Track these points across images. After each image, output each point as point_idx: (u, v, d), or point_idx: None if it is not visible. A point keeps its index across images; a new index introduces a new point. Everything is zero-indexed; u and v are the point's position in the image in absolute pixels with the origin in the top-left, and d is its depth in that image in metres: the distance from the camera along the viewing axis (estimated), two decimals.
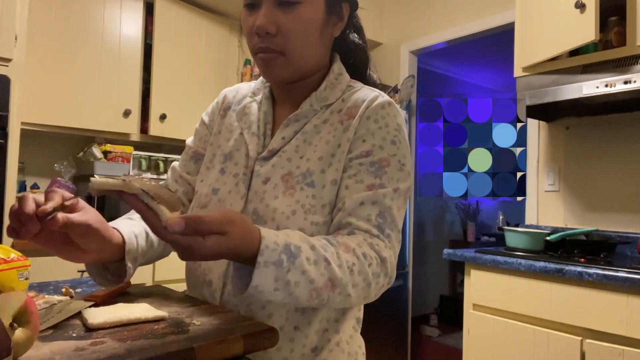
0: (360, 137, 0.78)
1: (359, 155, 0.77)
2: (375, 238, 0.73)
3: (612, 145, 2.25)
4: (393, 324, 3.07)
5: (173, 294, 0.86)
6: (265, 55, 0.79)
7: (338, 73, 0.87)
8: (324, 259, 0.65)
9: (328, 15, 0.81)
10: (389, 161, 0.77)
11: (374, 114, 0.80)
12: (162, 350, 0.56)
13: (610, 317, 1.58)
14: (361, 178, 0.76)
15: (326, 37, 0.83)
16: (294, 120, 0.83)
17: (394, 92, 3.08)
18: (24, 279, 0.80)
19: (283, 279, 0.62)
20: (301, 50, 0.79)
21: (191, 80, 2.78)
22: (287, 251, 0.62)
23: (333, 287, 0.65)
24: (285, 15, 0.76)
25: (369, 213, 0.74)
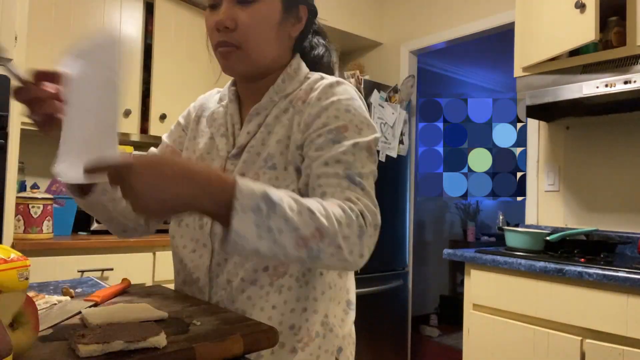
0: (315, 115, 0.80)
1: (316, 129, 0.79)
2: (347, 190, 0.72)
3: (612, 145, 2.25)
4: (393, 324, 3.07)
5: (173, 294, 0.86)
6: (224, 49, 0.83)
7: (296, 67, 0.90)
8: (308, 208, 0.64)
9: (285, 14, 0.85)
10: (347, 127, 0.78)
11: (324, 94, 0.82)
12: (162, 350, 0.56)
13: (610, 317, 1.58)
14: (320, 146, 0.77)
15: (283, 36, 0.86)
16: (255, 114, 0.87)
17: (394, 92, 3.08)
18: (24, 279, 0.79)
19: (264, 225, 0.60)
20: (257, 44, 0.82)
21: (191, 80, 2.78)
22: (265, 199, 0.61)
23: (321, 237, 0.64)
24: (243, 11, 0.81)
25: (335, 171, 0.74)
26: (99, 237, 2.30)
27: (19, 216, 2.08)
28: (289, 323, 0.81)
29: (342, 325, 0.87)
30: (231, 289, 0.81)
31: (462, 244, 4.64)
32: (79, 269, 2.10)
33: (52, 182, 2.46)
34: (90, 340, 0.54)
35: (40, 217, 2.12)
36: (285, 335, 0.80)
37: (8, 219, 1.93)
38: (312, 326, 0.82)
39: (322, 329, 0.83)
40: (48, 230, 2.15)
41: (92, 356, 0.53)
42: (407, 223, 3.21)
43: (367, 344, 2.86)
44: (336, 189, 0.72)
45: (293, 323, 0.81)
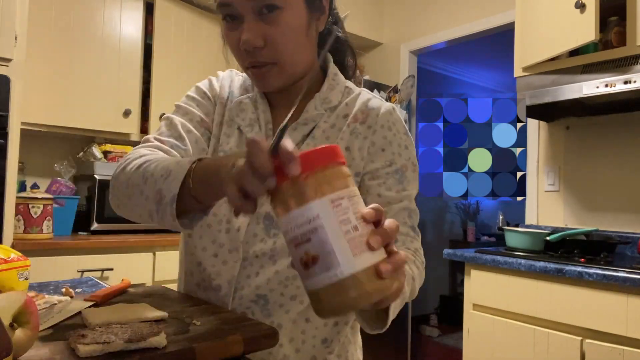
0: (379, 148, 0.83)
1: (384, 165, 0.83)
2: (414, 240, 0.82)
3: (612, 145, 2.25)
4: (393, 324, 3.06)
5: (173, 294, 0.86)
6: (258, 70, 0.77)
7: (334, 73, 0.88)
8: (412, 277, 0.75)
9: (310, 13, 0.78)
10: (407, 166, 0.84)
11: (386, 122, 0.84)
12: (162, 350, 0.56)
13: (610, 317, 1.58)
14: (389, 186, 0.82)
15: (313, 35, 0.81)
16: (302, 124, 0.83)
17: (394, 92, 3.08)
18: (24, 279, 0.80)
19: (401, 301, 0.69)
20: (292, 56, 0.77)
21: (191, 80, 2.77)
22: None
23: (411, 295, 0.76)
24: (269, 25, 0.73)
25: (403, 217, 0.81)
26: (99, 237, 2.30)
27: (19, 216, 2.08)
28: (321, 337, 0.81)
29: (353, 333, 0.89)
30: (266, 303, 0.79)
31: (462, 244, 4.64)
32: (79, 269, 2.10)
33: (52, 182, 2.46)
34: (90, 340, 0.54)
35: (40, 217, 2.12)
36: (318, 348, 0.81)
37: (8, 219, 1.93)
38: (343, 338, 0.84)
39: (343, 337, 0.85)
40: (48, 230, 2.16)
41: (92, 356, 0.53)
42: None
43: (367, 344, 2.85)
44: (405, 237, 0.81)
45: (325, 337, 0.81)
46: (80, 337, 0.55)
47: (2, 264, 0.76)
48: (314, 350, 0.80)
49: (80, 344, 0.53)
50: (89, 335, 0.56)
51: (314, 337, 0.80)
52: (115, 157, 2.62)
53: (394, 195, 0.81)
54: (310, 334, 0.80)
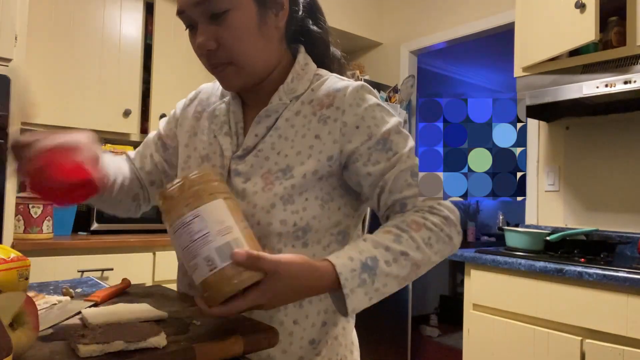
0: (352, 126, 0.79)
1: (363, 142, 0.79)
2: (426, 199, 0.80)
3: (612, 145, 2.25)
4: (393, 324, 3.07)
5: (173, 294, 0.86)
6: (216, 70, 0.81)
7: (304, 63, 0.86)
8: (401, 252, 0.72)
9: (262, 11, 0.79)
10: (389, 132, 0.80)
11: (353, 99, 0.80)
12: (162, 350, 0.56)
13: (610, 317, 1.58)
14: (377, 160, 0.79)
15: (270, 32, 0.81)
16: (265, 116, 0.83)
17: (394, 92, 3.08)
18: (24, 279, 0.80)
19: (372, 290, 0.69)
20: (246, 55, 0.78)
21: (191, 80, 2.78)
22: (365, 269, 0.69)
23: (418, 268, 0.74)
24: (219, 27, 0.76)
25: (405, 179, 0.79)
26: (99, 237, 2.30)
27: (19, 216, 2.08)
28: (309, 337, 0.80)
29: (344, 334, 0.87)
30: None
31: (462, 244, 4.62)
32: (79, 269, 2.10)
33: None
34: (90, 340, 0.54)
35: (40, 217, 2.12)
36: (306, 349, 0.80)
37: (8, 219, 1.93)
38: (332, 340, 0.83)
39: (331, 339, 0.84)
40: (48, 230, 2.16)
41: (92, 356, 0.53)
42: None
43: (367, 344, 2.86)
44: (415, 200, 0.79)
45: (313, 337, 0.80)
46: (80, 337, 0.55)
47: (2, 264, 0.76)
48: (301, 351, 0.79)
49: (80, 344, 0.53)
50: (89, 335, 0.56)
51: (302, 339, 0.79)
52: None
53: (385, 165, 0.78)
54: (298, 335, 0.79)
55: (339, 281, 0.67)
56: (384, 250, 0.71)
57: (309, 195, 0.79)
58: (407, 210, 0.78)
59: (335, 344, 0.84)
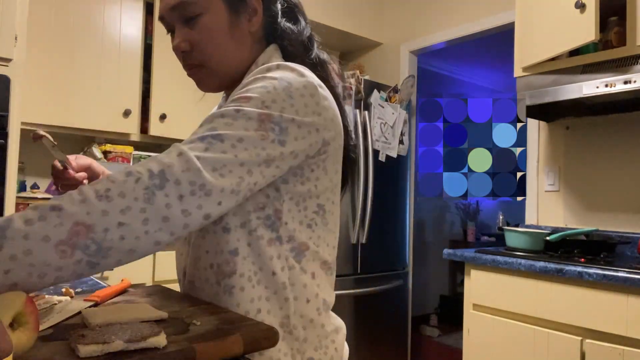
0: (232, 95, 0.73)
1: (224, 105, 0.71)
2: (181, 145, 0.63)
3: (612, 145, 2.26)
4: (393, 324, 3.07)
5: (173, 294, 0.86)
6: (191, 72, 0.84)
7: (266, 61, 0.83)
8: (51, 207, 0.54)
9: (233, 15, 0.81)
10: (250, 98, 0.68)
11: (259, 72, 0.74)
12: (162, 350, 0.56)
13: (610, 317, 1.58)
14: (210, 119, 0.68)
15: (242, 36, 0.82)
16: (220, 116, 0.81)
17: (394, 92, 3.08)
18: None
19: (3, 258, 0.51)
20: (217, 57, 0.81)
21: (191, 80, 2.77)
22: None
23: (88, 228, 0.55)
24: (192, 30, 0.80)
25: (199, 130, 0.66)
26: None
27: None
28: None
29: (310, 326, 0.78)
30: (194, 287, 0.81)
31: (462, 244, 4.64)
32: None
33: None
34: (90, 340, 0.54)
35: None
36: None
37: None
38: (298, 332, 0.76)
39: (282, 331, 0.76)
40: None
41: (92, 356, 0.53)
42: (407, 223, 3.21)
43: (367, 344, 2.86)
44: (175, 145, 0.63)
45: None
46: (80, 337, 0.55)
47: None
48: None
49: (80, 344, 0.53)
50: (89, 335, 0.56)
51: None
52: (115, 157, 2.62)
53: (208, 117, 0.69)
54: None
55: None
56: (32, 209, 0.54)
57: None
58: None
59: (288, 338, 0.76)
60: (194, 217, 0.60)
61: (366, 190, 2.82)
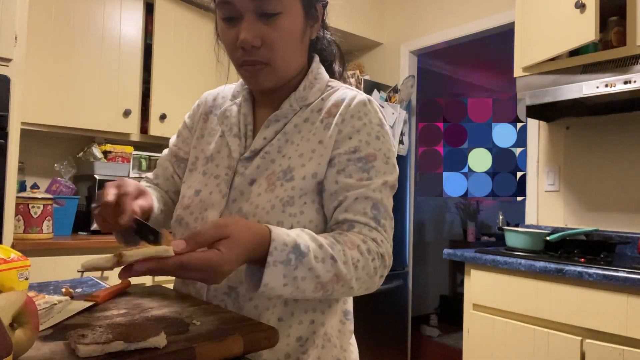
0: (346, 135, 0.81)
1: (347, 151, 0.80)
2: (374, 231, 0.77)
3: (612, 145, 2.26)
4: (393, 324, 3.07)
5: (173, 294, 0.86)
6: (250, 67, 0.81)
7: (317, 73, 0.88)
8: (331, 256, 0.70)
9: (306, 20, 0.83)
10: (375, 156, 0.80)
11: (357, 112, 0.82)
12: (162, 350, 0.56)
13: (610, 317, 1.58)
14: (350, 173, 0.79)
15: (306, 42, 0.85)
16: (274, 121, 0.85)
17: (394, 92, 3.08)
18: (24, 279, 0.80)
19: (291, 276, 0.66)
20: (284, 59, 0.81)
21: (191, 80, 2.78)
22: (295, 251, 0.67)
23: (337, 281, 0.71)
24: (268, 27, 0.77)
25: (364, 207, 0.78)
26: (99, 237, 2.30)
27: (19, 216, 2.08)
28: (296, 335, 0.80)
29: (340, 336, 0.86)
30: (237, 295, 0.80)
31: (462, 244, 4.64)
32: (79, 269, 2.10)
33: (52, 182, 2.46)
34: (90, 340, 0.54)
35: (40, 217, 2.12)
36: (292, 347, 0.79)
37: (8, 219, 1.93)
38: (318, 339, 0.82)
39: (322, 340, 0.83)
40: (48, 230, 2.16)
41: (92, 356, 0.53)
42: (407, 223, 3.21)
43: (367, 344, 2.86)
44: (364, 227, 0.77)
45: (301, 335, 0.80)
46: (80, 337, 0.55)
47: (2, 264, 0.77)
48: (287, 348, 0.79)
49: (80, 344, 0.53)
50: (89, 335, 0.56)
51: (288, 336, 0.79)
52: (115, 157, 2.62)
53: (353, 183, 0.78)
54: (284, 332, 0.79)
55: (269, 247, 0.65)
56: (318, 246, 0.70)
57: (307, 199, 0.80)
58: (352, 232, 0.77)
59: (328, 346, 0.83)
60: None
61: None
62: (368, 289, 0.77)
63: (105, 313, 0.71)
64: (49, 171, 2.58)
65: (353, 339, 0.91)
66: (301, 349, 0.80)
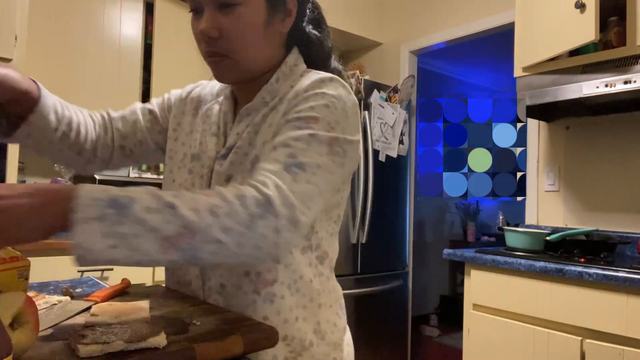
0: (293, 105, 0.76)
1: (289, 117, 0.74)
2: (271, 175, 0.66)
3: (612, 145, 2.26)
4: (393, 324, 3.07)
5: (173, 294, 0.86)
6: (212, 59, 0.80)
7: (293, 64, 0.85)
8: (170, 204, 0.58)
9: (271, 13, 0.79)
10: (317, 119, 0.72)
11: (312, 87, 0.77)
12: (162, 350, 0.56)
13: (610, 317, 1.58)
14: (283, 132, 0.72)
15: (273, 35, 0.82)
16: (245, 115, 0.84)
17: (394, 92, 3.08)
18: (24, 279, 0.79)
19: (115, 233, 0.55)
20: (245, 51, 0.79)
21: (191, 80, 2.77)
22: (113, 204, 0.55)
23: (191, 234, 0.58)
24: (226, 18, 0.76)
25: (277, 156, 0.68)
26: None
27: None
28: (281, 334, 0.77)
29: (335, 330, 0.84)
30: (226, 293, 0.79)
31: (462, 244, 4.64)
32: (79, 269, 2.10)
33: (52, 182, 2.46)
34: (90, 340, 0.54)
35: None
36: (278, 347, 0.75)
37: None
38: (305, 335, 0.80)
39: (315, 337, 0.81)
40: None
41: (92, 356, 0.53)
42: (407, 223, 3.21)
43: (367, 344, 2.86)
44: (264, 173, 0.66)
45: (286, 334, 0.78)
46: (80, 337, 0.55)
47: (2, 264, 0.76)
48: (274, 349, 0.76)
49: (80, 344, 0.53)
50: (89, 335, 0.56)
51: None
52: None
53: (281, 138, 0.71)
54: None
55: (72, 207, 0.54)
56: (151, 196, 0.58)
57: None
58: None
59: (321, 344, 0.81)
60: (282, 249, 0.64)
61: (366, 190, 2.82)
62: (258, 247, 0.61)
63: None
64: (49, 171, 2.58)
65: (348, 336, 0.89)
66: (287, 348, 0.78)
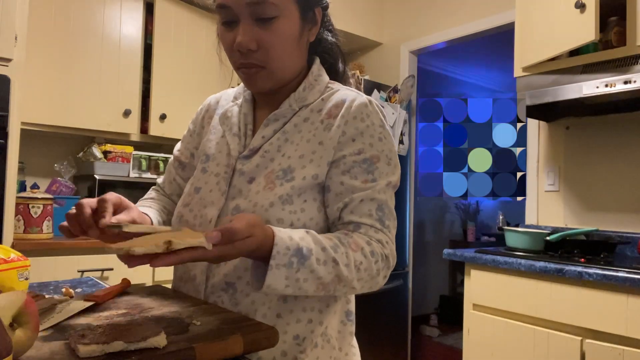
0: (350, 137, 0.82)
1: (351, 153, 0.82)
2: (379, 232, 0.80)
3: (612, 145, 2.25)
4: (393, 324, 3.07)
5: (173, 294, 0.86)
6: (247, 70, 0.83)
7: (317, 74, 0.90)
8: (333, 259, 0.72)
9: (303, 24, 0.84)
10: (379, 157, 0.83)
11: (359, 114, 0.83)
12: (162, 350, 0.56)
13: (610, 317, 1.58)
14: (355, 175, 0.81)
15: (303, 45, 0.86)
16: (273, 120, 0.87)
17: (394, 92, 3.08)
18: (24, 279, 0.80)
19: (293, 278, 0.69)
20: (281, 62, 0.82)
21: (191, 80, 2.78)
22: (298, 254, 0.69)
23: (339, 282, 0.74)
24: (264, 31, 0.79)
25: (369, 208, 0.80)
26: None
27: (19, 216, 2.08)
28: (293, 333, 0.80)
29: (340, 337, 0.86)
30: (234, 291, 0.80)
31: (462, 244, 4.64)
32: (79, 269, 2.10)
33: (52, 182, 2.46)
34: (90, 340, 0.54)
35: (40, 217, 2.12)
36: (289, 344, 0.79)
37: (8, 219, 1.93)
38: (316, 338, 0.82)
39: (321, 340, 0.83)
40: (48, 230, 2.16)
41: (92, 356, 0.53)
42: (407, 223, 3.21)
43: (367, 344, 2.86)
44: (369, 229, 0.80)
45: (298, 333, 0.80)
46: (80, 337, 0.55)
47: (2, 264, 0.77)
48: (284, 345, 0.79)
49: (80, 344, 0.53)
50: (89, 335, 0.56)
51: (285, 333, 0.79)
52: (115, 157, 2.62)
53: (358, 185, 0.80)
54: (282, 329, 0.78)
55: (271, 251, 0.67)
56: (321, 249, 0.72)
57: (308, 197, 0.81)
58: (358, 233, 0.79)
59: (327, 346, 0.83)
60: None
61: None
62: (371, 287, 0.79)
63: (105, 313, 0.71)
64: (49, 171, 2.58)
65: (354, 342, 0.91)
66: (299, 347, 0.80)
